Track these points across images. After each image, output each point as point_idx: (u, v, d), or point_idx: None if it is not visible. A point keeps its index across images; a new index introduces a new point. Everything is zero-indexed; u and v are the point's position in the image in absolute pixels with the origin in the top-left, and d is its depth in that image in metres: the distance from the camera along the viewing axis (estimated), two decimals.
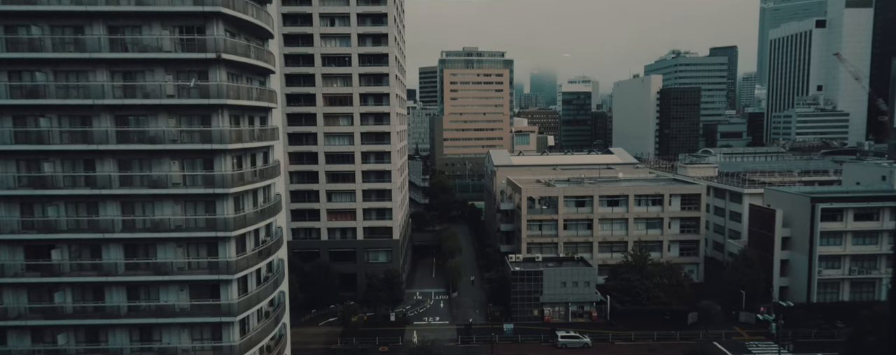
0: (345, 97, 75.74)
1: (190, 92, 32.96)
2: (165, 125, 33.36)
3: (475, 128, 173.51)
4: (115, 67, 32.88)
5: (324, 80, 75.37)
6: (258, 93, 37.34)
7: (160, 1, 32.15)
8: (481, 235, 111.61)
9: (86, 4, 31.53)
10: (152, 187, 33.53)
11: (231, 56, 33.41)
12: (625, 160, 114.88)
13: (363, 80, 75.75)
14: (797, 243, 69.49)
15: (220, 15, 32.89)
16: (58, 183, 32.90)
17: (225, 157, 34.04)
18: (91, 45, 31.98)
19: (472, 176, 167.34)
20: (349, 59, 75.20)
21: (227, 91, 33.16)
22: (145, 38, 32.73)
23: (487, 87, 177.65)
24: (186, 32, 33.18)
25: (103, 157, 33.32)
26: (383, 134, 76.82)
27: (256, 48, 37.08)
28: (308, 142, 76.00)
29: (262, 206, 38.33)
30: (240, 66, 36.04)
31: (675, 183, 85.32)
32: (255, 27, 36.99)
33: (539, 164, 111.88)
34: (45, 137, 32.32)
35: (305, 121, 75.58)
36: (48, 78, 32.46)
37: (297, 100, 75.22)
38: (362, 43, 75.27)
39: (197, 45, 32.75)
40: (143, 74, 33.22)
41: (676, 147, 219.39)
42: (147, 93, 32.80)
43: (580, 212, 78.03)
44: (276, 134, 41.48)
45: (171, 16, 32.67)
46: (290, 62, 74.42)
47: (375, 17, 75.27)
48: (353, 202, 76.99)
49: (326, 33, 74.79)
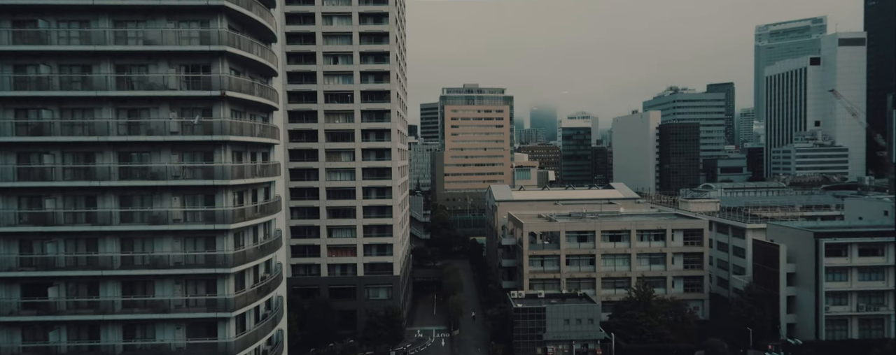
0: (347, 133, 76.42)
1: (193, 128, 33.30)
2: (168, 161, 33.56)
3: (476, 164, 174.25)
4: (120, 105, 33.34)
5: (326, 116, 76.23)
6: (261, 129, 37.72)
7: (168, 41, 32.90)
8: (483, 271, 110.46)
9: (95, 44, 32.25)
10: (153, 223, 33.44)
11: (235, 93, 33.91)
12: (626, 195, 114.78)
13: (365, 116, 76.59)
14: (802, 279, 68.62)
15: (225, 54, 33.58)
16: (58, 219, 32.84)
17: (226, 193, 34.09)
18: (98, 84, 32.52)
19: (473, 211, 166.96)
20: (351, 95, 76.26)
21: (230, 127, 33.51)
22: (152, 77, 33.31)
23: (488, 122, 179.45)
24: (192, 71, 33.81)
25: (105, 194, 33.38)
26: (385, 169, 77.12)
27: (260, 85, 37.68)
28: (310, 177, 76.23)
29: (263, 242, 38.11)
30: (243, 103, 36.53)
31: (677, 218, 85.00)
32: (259, 65, 37.69)
33: (540, 199, 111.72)
34: (48, 174, 32.47)
35: (307, 156, 76.02)
36: (54, 115, 32.88)
37: (299, 136, 75.87)
38: (365, 80, 76.50)
39: (202, 82, 33.31)
40: (147, 111, 33.65)
41: (677, 182, 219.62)
42: (151, 130, 33.15)
43: (582, 248, 77.43)
44: (278, 170, 41.66)
45: (178, 55, 33.37)
46: (293, 99, 75.47)
47: (378, 55, 76.79)
48: (354, 238, 76.58)
49: (329, 71, 76.11)
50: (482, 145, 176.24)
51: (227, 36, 33.34)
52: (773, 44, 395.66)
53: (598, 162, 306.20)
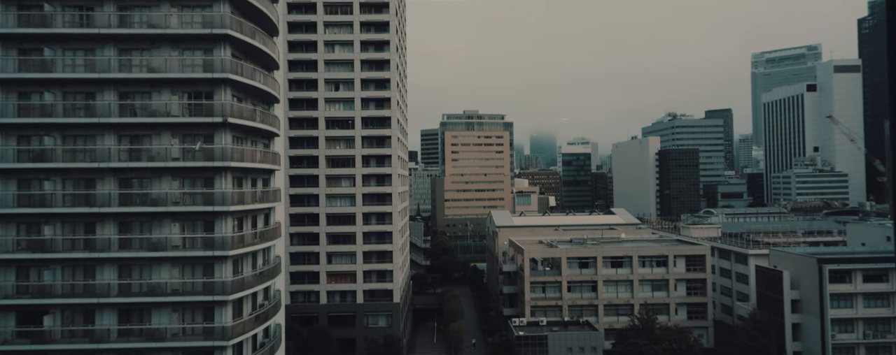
0: (347, 159, 76.62)
1: (195, 154, 33.39)
2: (168, 187, 33.54)
3: (476, 189, 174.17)
4: (122, 131, 33.51)
5: (327, 142, 76.54)
6: (262, 155, 37.84)
7: (171, 68, 33.29)
8: (484, 298, 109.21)
9: (100, 72, 32.61)
10: (151, 250, 33.22)
11: (237, 120, 34.12)
12: (627, 220, 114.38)
13: (366, 142, 76.91)
14: (807, 306, 67.78)
15: (228, 81, 33.92)
16: (57, 246, 32.64)
17: (226, 219, 33.96)
18: (101, 111, 32.76)
19: (473, 237, 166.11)
20: (352, 121, 76.74)
21: (231, 154, 33.61)
22: (154, 103, 33.58)
23: (488, 148, 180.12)
24: (195, 97, 34.09)
25: (104, 220, 33.25)
26: (385, 195, 77.04)
27: (262, 112, 37.96)
28: (310, 203, 76.08)
29: (262, 269, 37.78)
30: (245, 130, 36.72)
31: (679, 243, 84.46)
32: (261, 92, 38.03)
33: (541, 225, 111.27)
34: (48, 201, 32.42)
35: (308, 182, 76.03)
36: (56, 142, 33.02)
37: (300, 162, 76.04)
38: (366, 106, 77.11)
39: (204, 109, 33.56)
40: (149, 138, 33.80)
41: (678, 207, 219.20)
42: (152, 157, 33.24)
43: (584, 274, 76.72)
44: (278, 195, 41.61)
45: (181, 82, 33.71)
46: (295, 125, 75.92)
47: (379, 82, 77.58)
48: (354, 264, 75.97)
49: (331, 97, 76.77)
50: (482, 171, 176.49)
51: (231, 63, 33.74)
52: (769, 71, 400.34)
53: (599, 187, 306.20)
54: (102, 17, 32.80)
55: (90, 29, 32.59)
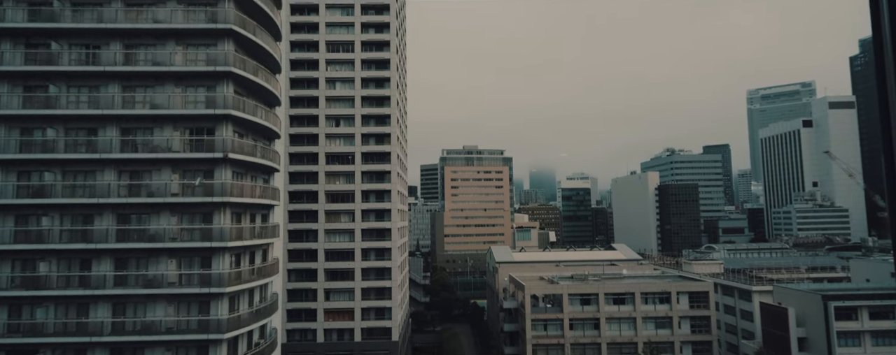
0: (347, 194, 76.58)
1: (194, 190, 33.38)
2: (167, 223, 33.37)
3: (476, 224, 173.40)
4: (123, 167, 33.60)
5: (327, 177, 76.69)
6: (261, 190, 37.82)
7: (174, 105, 33.66)
8: (484, 336, 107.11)
9: (103, 108, 32.96)
10: (147, 287, 32.77)
11: (237, 155, 34.27)
12: (628, 256, 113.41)
13: (365, 178, 77.06)
14: (814, 344, 66.38)
15: (230, 117, 34.24)
16: (51, 283, 32.20)
17: (223, 255, 33.64)
18: (103, 146, 32.94)
19: (473, 273, 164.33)
20: (352, 157, 77.09)
21: (230, 189, 33.60)
22: (156, 139, 33.80)
23: (488, 183, 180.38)
24: (196, 133, 34.34)
25: (100, 256, 32.94)
26: (384, 230, 76.62)
27: (263, 147, 38.17)
28: (308, 239, 75.58)
29: (258, 306, 37.18)
30: (245, 165, 36.83)
31: (682, 280, 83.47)
32: (263, 128, 38.35)
33: (542, 261, 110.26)
34: (45, 237, 32.19)
35: (307, 217, 75.75)
36: (56, 177, 33.05)
37: (299, 197, 75.95)
38: (366, 142, 77.62)
39: (205, 145, 33.75)
40: (149, 173, 33.86)
41: (679, 243, 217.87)
42: (151, 192, 33.22)
43: (586, 311, 75.45)
44: (277, 231, 41.38)
45: (184, 118, 34.02)
46: (295, 160, 76.22)
47: (379, 118, 78.36)
48: (352, 301, 74.84)
49: (331, 133, 77.37)
50: (482, 206, 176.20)
51: (233, 100, 34.15)
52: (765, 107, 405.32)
53: (599, 222, 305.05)
54: (108, 55, 33.40)
55: (95, 66, 33.14)
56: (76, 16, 33.39)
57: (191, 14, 34.42)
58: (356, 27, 78.38)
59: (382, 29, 79.45)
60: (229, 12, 34.39)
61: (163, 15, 34.14)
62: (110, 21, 33.43)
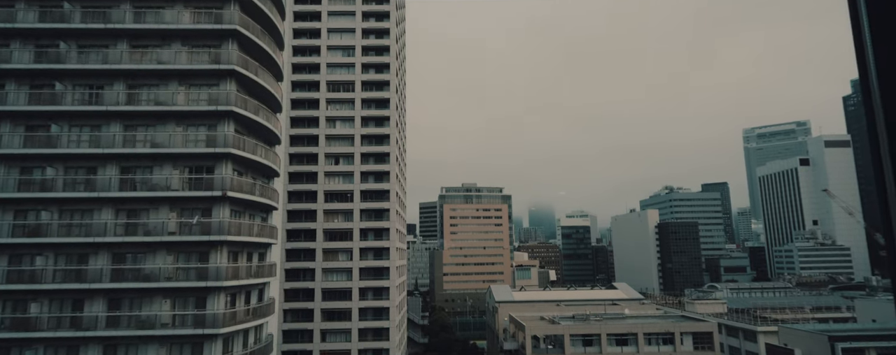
0: (345, 232, 76.12)
1: (191, 228, 33.18)
2: (162, 262, 33.01)
3: (475, 263, 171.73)
4: (121, 205, 33.51)
5: (325, 215, 76.42)
6: (259, 228, 37.61)
7: (175, 143, 33.88)
8: None
9: (104, 147, 33.15)
10: (140, 327, 32.10)
11: (236, 194, 34.26)
12: (630, 295, 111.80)
13: (364, 215, 76.78)
14: None
15: (229, 156, 34.41)
16: (42, 324, 31.56)
17: (218, 295, 33.13)
18: (101, 185, 32.95)
19: (473, 312, 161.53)
20: (351, 194, 77.05)
21: (228, 227, 33.41)
22: (155, 178, 33.85)
23: (487, 221, 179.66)
24: (196, 171, 34.42)
25: (93, 296, 32.42)
26: (382, 269, 75.77)
27: (262, 186, 38.19)
28: (305, 277, 74.63)
29: (253, 348, 36.34)
30: (243, 203, 36.76)
31: (685, 320, 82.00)
32: (262, 166, 38.49)
33: (542, 300, 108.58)
34: (38, 277, 31.77)
35: (304, 256, 75.02)
36: (53, 216, 32.89)
37: (297, 235, 75.45)
38: (365, 180, 77.75)
39: (204, 183, 33.78)
40: (147, 212, 33.74)
41: (681, 282, 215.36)
42: (148, 231, 33.01)
43: (588, 352, 73.74)
44: (274, 270, 40.90)
45: (184, 156, 34.17)
46: (293, 198, 76.12)
47: (378, 156, 78.79)
48: (349, 342, 73.20)
49: (330, 171, 77.59)
50: (481, 244, 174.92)
51: (233, 139, 34.40)
52: (761, 145, 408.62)
53: (599, 261, 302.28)
54: (111, 95, 33.87)
55: (98, 106, 33.54)
56: (82, 57, 34.04)
57: (195, 55, 35.11)
58: (357, 68, 79.84)
59: (382, 69, 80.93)
60: (232, 54, 35.09)
61: (167, 56, 34.81)
62: (115, 62, 34.06)
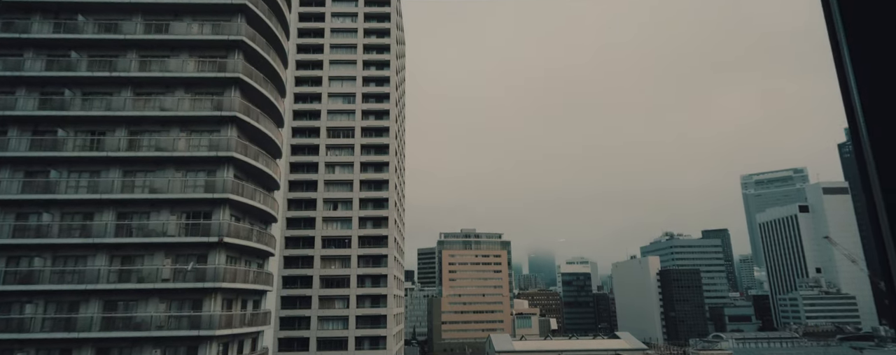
0: (342, 279, 75.01)
1: (186, 275, 32.68)
2: (155, 310, 32.30)
3: (474, 311, 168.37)
4: (115, 252, 33.13)
5: (322, 261, 75.53)
6: (255, 275, 37.05)
7: (173, 189, 33.88)
8: None
9: (101, 193, 33.12)
10: None
11: (233, 240, 33.96)
12: (633, 345, 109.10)
13: (361, 262, 75.88)
14: None
15: (228, 201, 34.34)
16: None
17: (211, 345, 32.23)
18: (97, 231, 32.68)
19: None
20: (349, 241, 76.41)
21: (223, 274, 32.92)
22: (152, 224, 33.63)
23: (486, 267, 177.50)
24: (193, 217, 34.24)
25: (82, 346, 31.51)
26: (380, 317, 74.14)
27: (259, 232, 37.92)
28: (300, 326, 72.88)
29: None
30: (240, 249, 36.38)
31: None
32: (260, 212, 38.34)
33: (544, 351, 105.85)
34: (26, 325, 30.99)
35: (300, 303, 73.58)
36: (45, 263, 32.44)
37: (293, 282, 74.27)
38: (363, 225, 77.32)
39: (201, 229, 33.53)
40: (141, 258, 33.32)
41: (685, 331, 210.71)
42: (142, 278, 32.49)
43: None
44: (268, 318, 40.00)
45: (182, 202, 34.10)
46: (290, 244, 75.40)
47: (376, 201, 78.70)
48: None
49: (329, 216, 77.29)
50: (480, 291, 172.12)
51: (232, 184, 34.43)
52: (759, 192, 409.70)
53: (601, 309, 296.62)
54: (112, 142, 34.14)
55: (99, 152, 33.74)
56: (86, 104, 34.56)
57: (197, 102, 35.66)
58: (357, 114, 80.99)
59: (382, 115, 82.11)
60: (234, 100, 35.65)
61: (170, 103, 35.35)
62: (118, 109, 34.56)
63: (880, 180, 1.92)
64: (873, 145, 1.84)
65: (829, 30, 1.97)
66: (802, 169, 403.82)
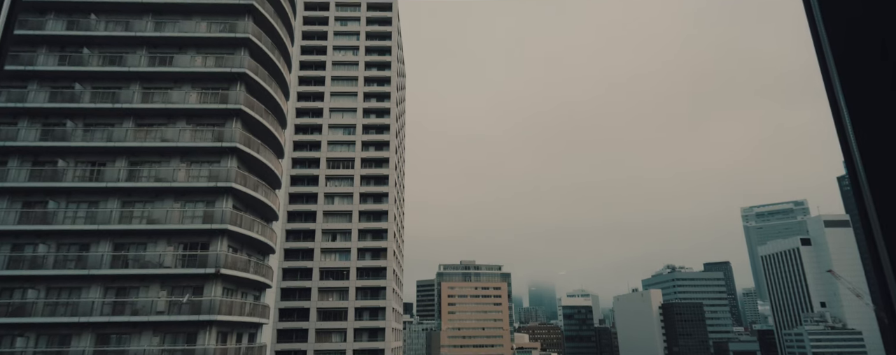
0: (340, 311, 73.89)
1: (181, 308, 32.20)
2: (148, 344, 31.69)
3: (474, 345, 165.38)
4: (110, 283, 32.73)
5: (319, 293, 74.57)
6: (251, 308, 36.50)
7: (172, 220, 33.73)
8: None
9: (99, 224, 32.96)
10: None
11: (230, 271, 33.61)
12: None
13: (360, 294, 74.93)
14: None
15: (226, 232, 34.15)
16: None
17: None
18: (93, 262, 32.38)
19: None
20: (347, 272, 75.62)
21: (219, 306, 32.44)
22: (148, 255, 33.35)
23: (486, 300, 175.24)
24: (190, 248, 33.98)
25: None
26: (378, 351, 72.65)
27: (256, 263, 37.56)
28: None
29: None
30: (237, 281, 35.95)
31: None
32: (258, 243, 38.07)
33: None
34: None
35: (296, 337, 72.26)
36: (39, 295, 32.00)
37: (289, 315, 73.13)
38: (362, 257, 76.66)
39: (198, 260, 33.23)
40: (136, 290, 32.90)
41: None
42: (136, 310, 32.01)
43: None
44: (264, 352, 39.20)
45: (179, 232, 33.89)
46: (288, 276, 74.61)
47: (375, 232, 78.27)
48: None
49: (327, 248, 76.71)
50: (480, 324, 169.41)
51: (231, 215, 34.30)
52: (761, 224, 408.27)
53: (603, 343, 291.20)
54: (112, 172, 34.19)
55: (98, 183, 33.74)
56: (87, 135, 34.76)
57: (198, 133, 35.88)
58: (357, 145, 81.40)
59: (382, 147, 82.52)
60: (235, 131, 35.88)
61: (171, 133, 35.57)
62: (119, 140, 34.73)
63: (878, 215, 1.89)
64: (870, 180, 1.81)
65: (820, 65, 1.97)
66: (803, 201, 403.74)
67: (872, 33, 1.77)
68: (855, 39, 1.79)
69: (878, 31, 1.75)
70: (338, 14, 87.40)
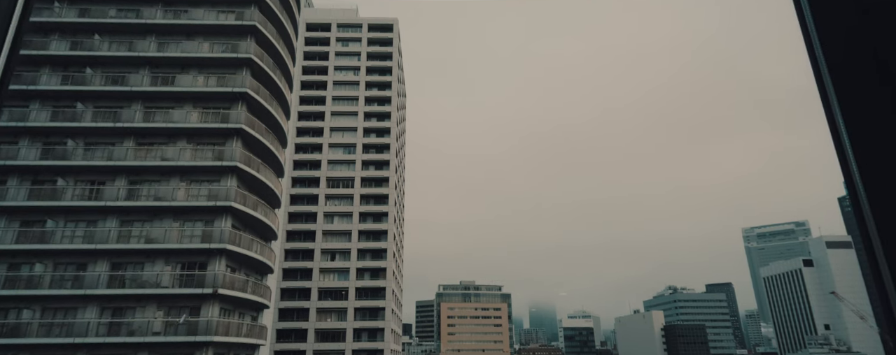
0: (338, 333, 73.04)
1: (177, 329, 31.84)
2: None
3: None
4: (107, 303, 32.43)
5: (318, 314, 73.82)
6: (248, 328, 36.09)
7: (170, 239, 33.57)
8: None
9: (97, 243, 32.80)
10: None
11: (228, 291, 33.32)
12: None
13: (358, 315, 74.16)
14: None
15: (224, 252, 33.95)
16: None
17: None
18: (89, 282, 32.14)
19: None
20: (346, 293, 75.00)
21: (216, 327, 32.08)
22: (146, 274, 33.11)
23: (486, 321, 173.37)
24: (188, 267, 33.76)
25: None
26: None
27: (254, 283, 37.26)
28: None
29: None
30: (234, 301, 35.62)
31: None
32: (257, 262, 37.83)
33: None
34: None
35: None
36: (35, 315, 31.68)
37: (287, 336, 72.26)
38: (361, 277, 76.11)
39: (195, 280, 32.97)
40: (133, 310, 32.58)
41: None
42: (132, 331, 31.65)
43: None
44: None
45: (177, 252, 33.71)
46: (286, 296, 73.94)
47: (375, 252, 77.85)
48: None
49: (326, 267, 76.22)
50: (480, 346, 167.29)
51: (230, 234, 34.15)
52: (762, 245, 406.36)
53: None
54: (111, 191, 34.16)
55: (97, 202, 33.68)
56: (87, 154, 34.81)
57: (199, 152, 35.95)
58: (357, 164, 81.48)
59: (382, 166, 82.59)
60: (236, 151, 35.95)
61: (171, 152, 35.63)
62: (119, 159, 34.78)
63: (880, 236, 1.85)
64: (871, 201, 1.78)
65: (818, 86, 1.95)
66: (804, 222, 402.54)
67: (867, 47, 1.77)
68: (852, 58, 1.78)
69: (873, 46, 1.74)
70: (339, 34, 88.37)
